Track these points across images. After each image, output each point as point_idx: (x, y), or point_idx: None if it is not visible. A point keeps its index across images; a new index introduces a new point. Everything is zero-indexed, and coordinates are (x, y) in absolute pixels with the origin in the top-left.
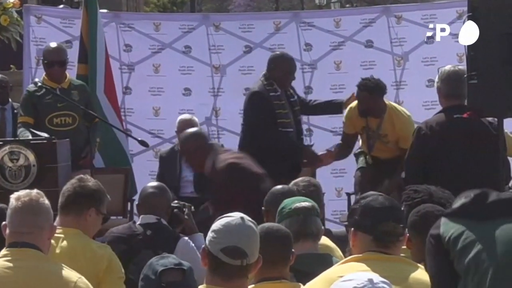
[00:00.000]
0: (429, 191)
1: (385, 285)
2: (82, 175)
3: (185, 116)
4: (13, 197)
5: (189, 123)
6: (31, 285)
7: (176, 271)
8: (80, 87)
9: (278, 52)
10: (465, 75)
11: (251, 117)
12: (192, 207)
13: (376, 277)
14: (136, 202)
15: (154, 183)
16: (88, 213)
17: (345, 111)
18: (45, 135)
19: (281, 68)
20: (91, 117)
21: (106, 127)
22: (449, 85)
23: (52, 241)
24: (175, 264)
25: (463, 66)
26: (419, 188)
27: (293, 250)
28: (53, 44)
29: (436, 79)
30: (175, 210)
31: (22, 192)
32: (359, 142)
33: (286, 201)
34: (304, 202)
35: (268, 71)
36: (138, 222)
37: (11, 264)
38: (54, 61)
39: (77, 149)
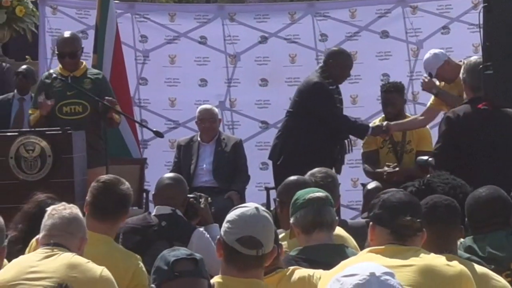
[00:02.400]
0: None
1: (387, 276)
2: (117, 177)
3: (206, 106)
4: (48, 209)
5: (212, 112)
6: (61, 274)
7: (189, 260)
8: (94, 77)
9: (335, 48)
10: (481, 66)
11: (314, 105)
12: (209, 198)
13: (379, 269)
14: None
15: (171, 174)
16: (125, 218)
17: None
18: None
19: (339, 62)
20: (105, 107)
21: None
22: (474, 76)
23: None
24: (187, 255)
25: None
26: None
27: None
28: (67, 34)
29: (462, 71)
30: (191, 200)
31: (57, 205)
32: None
33: (300, 192)
34: (318, 193)
35: (325, 65)
36: (153, 213)
37: (42, 256)
38: (64, 52)
39: (88, 139)
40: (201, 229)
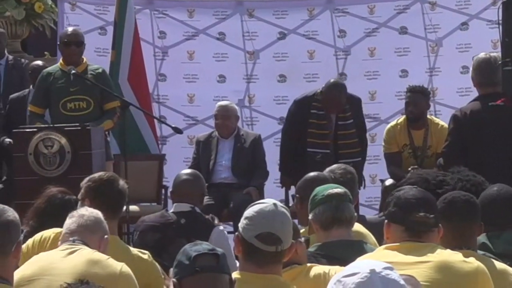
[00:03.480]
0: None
1: (388, 271)
2: (112, 173)
3: (222, 102)
4: (72, 213)
5: (228, 109)
6: (81, 270)
7: (210, 255)
8: (96, 72)
9: (334, 80)
10: (500, 62)
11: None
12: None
13: (379, 266)
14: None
15: (188, 170)
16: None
17: (384, 133)
18: None
19: (324, 92)
20: (108, 100)
21: (124, 113)
22: (481, 73)
23: None
24: (209, 250)
25: (496, 53)
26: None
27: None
28: (70, 28)
29: (471, 68)
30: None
31: (81, 208)
32: None
33: (318, 189)
34: (337, 189)
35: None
36: (171, 210)
37: (63, 253)
38: (71, 41)
39: None
40: (221, 227)
